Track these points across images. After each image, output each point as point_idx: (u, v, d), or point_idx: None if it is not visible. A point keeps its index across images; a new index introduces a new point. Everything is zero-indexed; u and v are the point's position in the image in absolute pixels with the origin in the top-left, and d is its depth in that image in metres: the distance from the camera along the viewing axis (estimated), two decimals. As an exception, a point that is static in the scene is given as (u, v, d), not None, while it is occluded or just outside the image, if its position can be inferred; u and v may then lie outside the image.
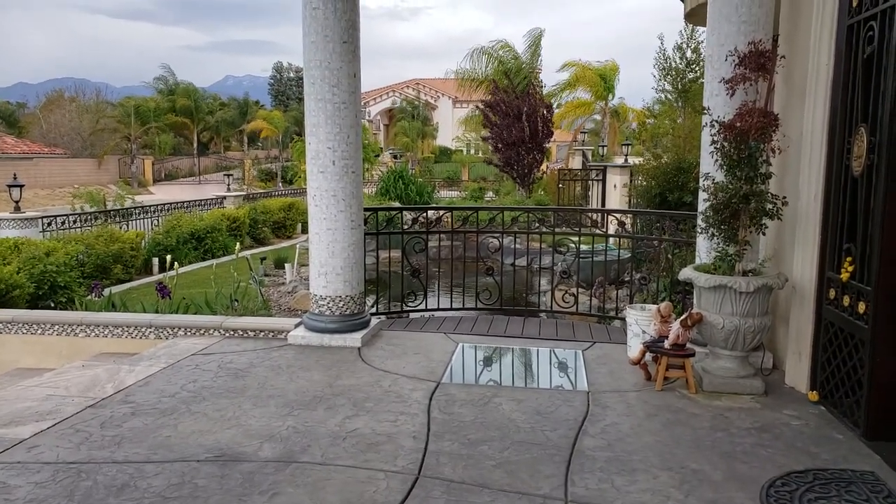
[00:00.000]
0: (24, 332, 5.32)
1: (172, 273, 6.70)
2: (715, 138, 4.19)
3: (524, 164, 19.15)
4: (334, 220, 4.93)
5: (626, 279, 7.02)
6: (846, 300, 3.74)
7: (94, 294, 6.03)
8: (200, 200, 13.39)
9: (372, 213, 5.74)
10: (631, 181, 13.77)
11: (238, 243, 8.18)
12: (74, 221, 9.47)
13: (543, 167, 22.56)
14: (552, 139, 20.07)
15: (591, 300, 6.71)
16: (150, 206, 11.60)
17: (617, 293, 7.33)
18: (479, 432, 3.56)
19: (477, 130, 27.76)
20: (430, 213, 6.59)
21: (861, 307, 3.58)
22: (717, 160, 4.22)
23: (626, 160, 17.21)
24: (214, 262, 9.33)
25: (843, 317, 3.76)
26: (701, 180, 4.52)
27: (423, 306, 6.14)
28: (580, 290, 6.99)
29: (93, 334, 5.23)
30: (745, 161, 4.09)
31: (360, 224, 5.13)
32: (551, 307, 6.69)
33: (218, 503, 2.78)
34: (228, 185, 17.70)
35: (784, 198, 4.11)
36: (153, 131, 32.07)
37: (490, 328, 5.73)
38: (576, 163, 24.32)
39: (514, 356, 5.13)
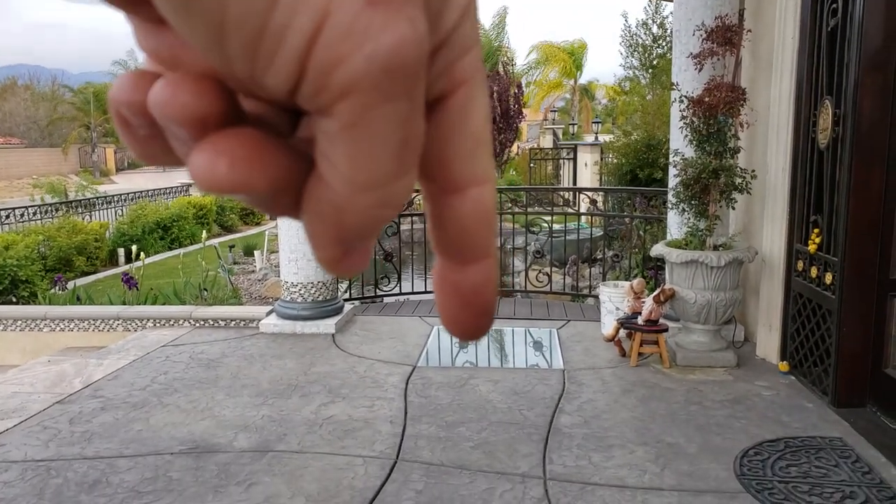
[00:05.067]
0: (-15, 328, 5.15)
1: (139, 264, 6.54)
2: (684, 114, 4.20)
3: (496, 144, 19.11)
4: (304, 205, 4.84)
5: (599, 257, 7.07)
6: (814, 271, 3.80)
7: (57, 287, 5.85)
8: (165, 189, 13.09)
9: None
10: (602, 159, 13.83)
11: (205, 231, 7.99)
12: (35, 213, 9.17)
13: (515, 147, 22.53)
14: (523, 118, 20.03)
15: (564, 279, 6.74)
16: (113, 196, 11.29)
17: (590, 271, 7.38)
18: (456, 414, 3.55)
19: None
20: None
21: (828, 278, 3.64)
22: (686, 135, 4.23)
23: (596, 138, 17.27)
24: (182, 251, 9.13)
25: (811, 288, 3.83)
26: (671, 156, 4.54)
27: (397, 290, 6.10)
28: (553, 269, 7.02)
29: (58, 329, 5.08)
30: (713, 136, 4.11)
31: (331, 208, 5.04)
32: (525, 287, 6.70)
33: (193, 495, 2.74)
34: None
35: (753, 171, 4.15)
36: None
37: (465, 310, 5.71)
38: (547, 142, 24.35)
39: (490, 337, 5.13)
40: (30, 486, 2.79)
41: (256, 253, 8.93)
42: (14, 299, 6.27)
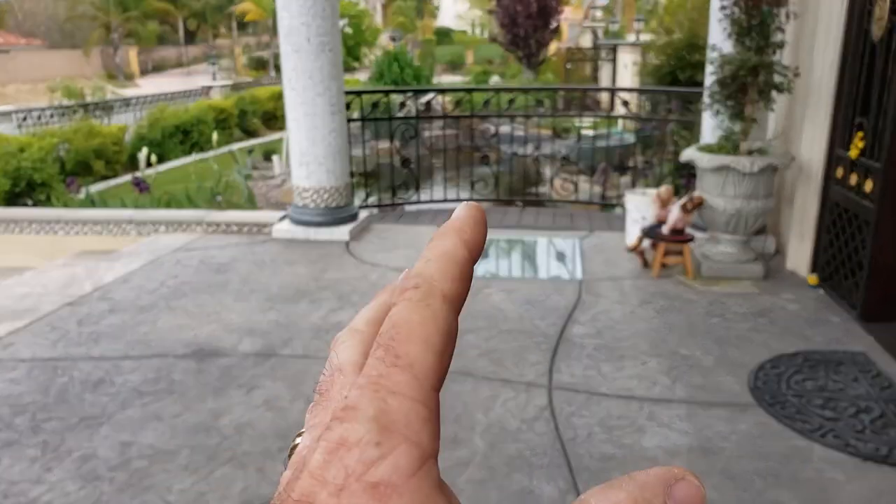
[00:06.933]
0: (1, 230, 5.16)
1: (161, 168, 6.47)
2: (724, 3, 3.80)
3: (531, 42, 18.18)
4: (313, 105, 4.62)
5: (631, 165, 6.75)
6: (853, 179, 3.52)
7: (70, 190, 5.82)
8: (185, 91, 12.83)
9: (356, 97, 5.41)
10: (643, 60, 13.09)
11: (215, 134, 7.71)
12: (52, 115, 9.07)
13: (554, 47, 21.46)
14: (561, 13, 18.91)
15: (590, 188, 6.48)
16: (130, 98, 11.08)
17: (619, 180, 7.08)
18: (466, 322, 3.47)
19: (482, 5, 26.18)
20: (426, 96, 6.23)
21: (868, 186, 3.37)
22: (725, 28, 3.85)
23: (637, 38, 16.29)
24: (202, 155, 9.01)
25: (849, 196, 3.56)
26: (708, 51, 4.18)
27: (415, 198, 5.94)
28: (583, 177, 6.74)
29: (72, 232, 5.08)
30: (755, 28, 3.73)
31: (342, 109, 4.82)
32: (550, 196, 6.48)
33: (195, 397, 2.73)
34: (214, 73, 16.93)
35: (796, 69, 3.78)
36: (135, 18, 30.38)
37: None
38: (586, 41, 23.14)
39: (510, 247, 4.98)
40: (35, 384, 2.82)
41: (275, 158, 8.77)
42: (30, 202, 6.29)
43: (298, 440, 0.24)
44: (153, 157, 6.36)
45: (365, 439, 0.19)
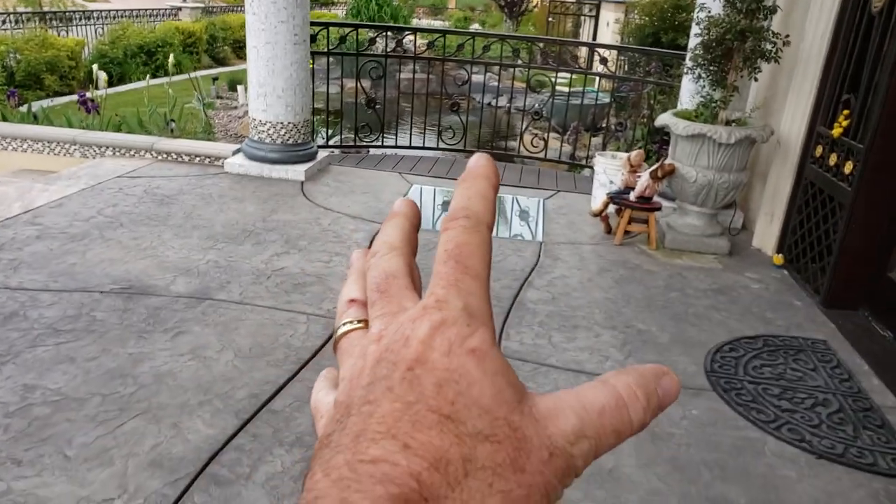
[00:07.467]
0: (-67, 141, 4.78)
1: (119, 89, 6.03)
2: (718, -41, 3.57)
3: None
4: (274, 33, 4.28)
5: (603, 126, 6.56)
6: (833, 159, 3.39)
7: (10, 102, 5.39)
8: (152, 9, 12.07)
9: (323, 29, 5.06)
10: (626, 18, 12.75)
11: (171, 56, 7.20)
12: (3, 22, 8.40)
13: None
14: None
15: (561, 146, 6.28)
16: (92, 12, 10.34)
17: (590, 140, 6.89)
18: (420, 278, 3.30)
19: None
20: (405, 37, 5.89)
21: (847, 167, 3.23)
22: (717, -13, 3.63)
23: (623, -4, 15.87)
24: (162, 80, 8.51)
25: (826, 177, 3.43)
26: (696, 11, 3.95)
27: (378, 142, 5.67)
28: (554, 135, 6.53)
29: (10, 148, 4.72)
30: (748, -11, 3.51)
31: (306, 39, 4.49)
32: (519, 151, 6.26)
33: (115, 339, 2.53)
34: (185, -7, 16.02)
35: (787, 36, 3.59)
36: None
37: (450, 171, 5.33)
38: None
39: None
40: (-62, 314, 2.58)
41: (240, 88, 8.32)
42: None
43: (344, 328, 0.30)
44: (104, 77, 5.90)
45: (460, 321, 0.25)
